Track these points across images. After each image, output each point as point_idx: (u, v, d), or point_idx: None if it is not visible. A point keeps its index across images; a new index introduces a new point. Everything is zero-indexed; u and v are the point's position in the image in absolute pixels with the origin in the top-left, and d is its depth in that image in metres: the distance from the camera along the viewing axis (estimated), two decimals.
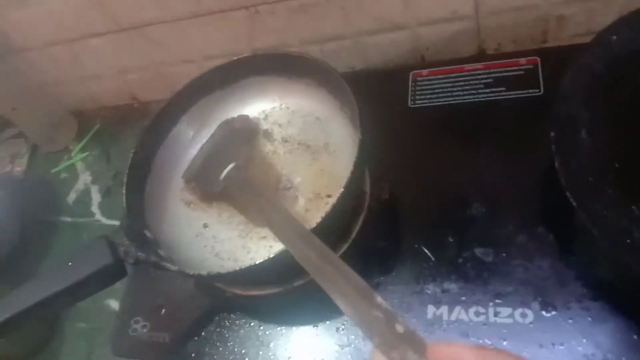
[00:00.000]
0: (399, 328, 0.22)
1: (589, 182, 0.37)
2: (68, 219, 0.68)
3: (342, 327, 0.42)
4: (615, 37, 0.42)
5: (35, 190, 0.73)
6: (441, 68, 0.54)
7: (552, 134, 0.39)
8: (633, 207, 0.36)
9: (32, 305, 0.37)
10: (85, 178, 0.71)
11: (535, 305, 0.38)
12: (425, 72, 0.55)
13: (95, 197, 0.68)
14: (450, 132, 0.50)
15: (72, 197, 0.70)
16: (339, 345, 0.41)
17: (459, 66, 0.54)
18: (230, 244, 0.45)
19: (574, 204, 0.35)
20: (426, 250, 0.43)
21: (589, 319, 0.36)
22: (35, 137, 0.76)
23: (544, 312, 0.38)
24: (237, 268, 0.37)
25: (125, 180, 0.45)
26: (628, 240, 0.35)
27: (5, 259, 0.64)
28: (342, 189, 0.38)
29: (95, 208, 0.67)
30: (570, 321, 0.37)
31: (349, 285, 0.26)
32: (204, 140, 0.49)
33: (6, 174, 0.76)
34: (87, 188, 0.70)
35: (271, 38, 0.61)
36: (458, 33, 0.57)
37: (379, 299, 0.24)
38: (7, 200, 0.68)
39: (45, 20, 0.64)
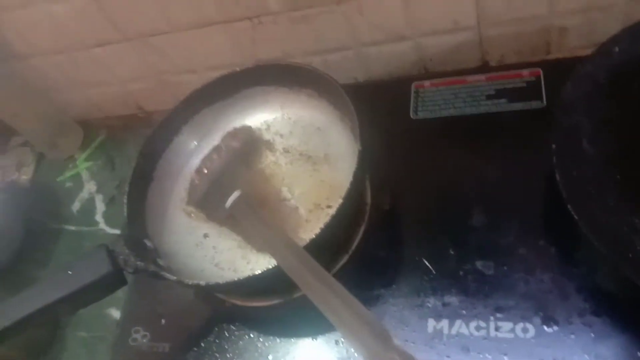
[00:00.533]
0: None
1: (591, 193, 0.37)
2: (72, 228, 0.68)
3: (342, 340, 0.41)
4: (617, 49, 0.42)
5: (40, 198, 0.74)
6: (443, 79, 0.54)
7: (553, 145, 0.39)
8: (635, 219, 0.36)
9: (31, 313, 0.37)
10: (90, 187, 0.71)
11: (537, 319, 0.37)
12: (427, 83, 0.55)
13: (100, 206, 0.69)
14: (452, 143, 0.50)
15: (76, 205, 0.70)
16: (338, 359, 0.40)
17: (461, 77, 0.54)
18: (230, 254, 0.45)
19: (575, 216, 0.35)
20: (427, 263, 0.42)
21: (592, 334, 0.36)
22: (39, 144, 0.76)
23: (545, 327, 0.37)
24: (236, 278, 0.37)
25: (127, 189, 0.45)
26: (630, 254, 0.34)
27: (8, 265, 0.64)
28: (342, 200, 0.38)
29: (99, 217, 0.67)
30: (572, 336, 0.36)
31: (363, 325, 0.25)
32: (205, 151, 0.49)
33: (12, 181, 0.77)
34: (92, 197, 0.70)
35: (274, 49, 0.61)
36: (461, 44, 0.57)
37: (396, 342, 0.24)
38: (12, 208, 0.68)
39: (50, 28, 0.64)
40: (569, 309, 0.37)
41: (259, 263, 0.43)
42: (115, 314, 0.57)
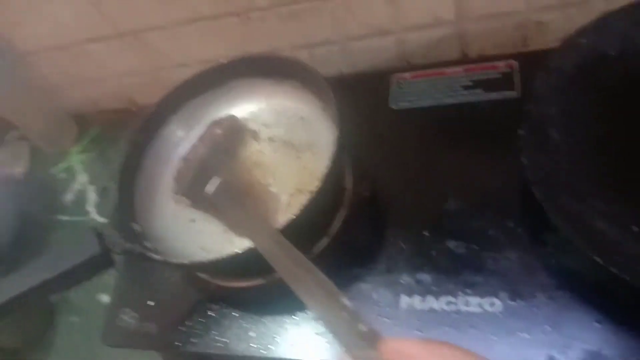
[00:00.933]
0: (362, 327, 0.24)
1: (555, 177, 0.39)
2: (65, 218, 0.70)
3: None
4: (583, 41, 0.44)
5: (34, 190, 0.76)
6: (423, 71, 0.56)
7: (521, 132, 0.41)
8: (596, 201, 0.38)
9: (22, 292, 0.39)
10: (82, 178, 0.73)
11: (504, 294, 0.39)
12: (407, 75, 0.57)
13: (92, 196, 0.71)
14: (430, 132, 0.52)
15: (69, 196, 0.72)
16: (317, 334, 0.42)
17: (440, 70, 0.56)
18: (216, 238, 0.46)
19: (538, 197, 0.37)
20: (402, 244, 0.44)
21: (554, 307, 0.38)
22: (37, 139, 0.78)
23: (511, 302, 0.39)
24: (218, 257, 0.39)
25: (116, 175, 0.47)
26: (590, 232, 0.36)
27: (4, 255, 0.66)
28: (319, 184, 0.39)
29: (91, 207, 0.69)
30: (535, 309, 0.38)
31: (321, 290, 0.27)
32: (193, 140, 0.51)
33: (7, 174, 0.79)
34: (84, 188, 0.72)
35: (263, 43, 0.63)
36: (442, 38, 0.59)
37: (346, 301, 0.26)
38: (8, 200, 0.70)
39: (46, 25, 0.66)
40: (534, 285, 0.39)
41: (244, 246, 0.45)
42: (107, 299, 0.59)
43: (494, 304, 0.39)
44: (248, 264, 0.41)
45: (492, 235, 0.42)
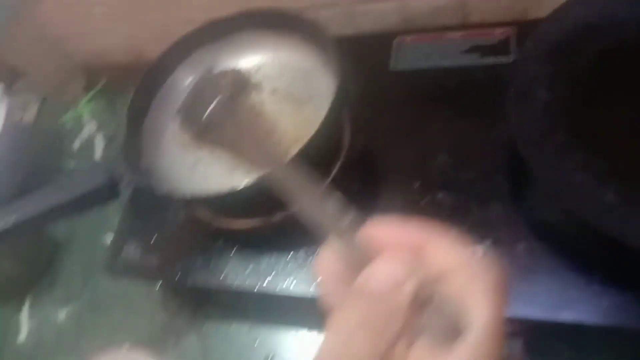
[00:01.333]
0: (348, 220, 0.26)
1: (540, 132, 0.41)
2: (73, 165, 0.72)
3: (312, 256, 0.46)
4: (572, 10, 0.46)
5: (43, 138, 0.78)
6: (423, 35, 0.58)
7: (511, 89, 0.43)
8: (576, 156, 0.40)
9: (30, 217, 0.41)
10: (90, 127, 0.75)
11: (487, 242, 0.42)
12: (408, 38, 0.59)
13: (99, 144, 0.73)
14: (426, 92, 0.54)
15: (77, 144, 0.74)
16: (308, 269, 0.45)
17: (440, 33, 0.57)
18: (218, 180, 0.49)
19: (521, 151, 0.39)
20: (394, 194, 0.47)
21: (533, 256, 0.40)
22: (45, 89, 0.80)
23: (493, 249, 0.42)
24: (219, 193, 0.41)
25: (125, 119, 0.49)
26: (568, 184, 0.39)
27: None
28: (318, 127, 0.42)
29: (98, 154, 0.72)
30: (516, 257, 0.41)
31: (314, 197, 0.30)
32: None
33: (17, 122, 0.81)
34: (92, 136, 0.74)
35: (268, 4, 0.65)
36: (444, 5, 0.60)
37: (334, 202, 0.28)
38: (17, 147, 0.73)
39: None
40: (516, 235, 0.42)
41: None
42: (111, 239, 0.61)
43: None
44: (246, 201, 0.44)
45: (479, 188, 0.45)
